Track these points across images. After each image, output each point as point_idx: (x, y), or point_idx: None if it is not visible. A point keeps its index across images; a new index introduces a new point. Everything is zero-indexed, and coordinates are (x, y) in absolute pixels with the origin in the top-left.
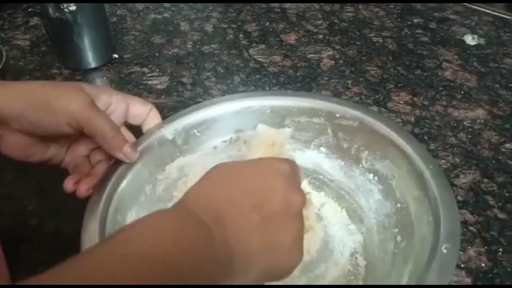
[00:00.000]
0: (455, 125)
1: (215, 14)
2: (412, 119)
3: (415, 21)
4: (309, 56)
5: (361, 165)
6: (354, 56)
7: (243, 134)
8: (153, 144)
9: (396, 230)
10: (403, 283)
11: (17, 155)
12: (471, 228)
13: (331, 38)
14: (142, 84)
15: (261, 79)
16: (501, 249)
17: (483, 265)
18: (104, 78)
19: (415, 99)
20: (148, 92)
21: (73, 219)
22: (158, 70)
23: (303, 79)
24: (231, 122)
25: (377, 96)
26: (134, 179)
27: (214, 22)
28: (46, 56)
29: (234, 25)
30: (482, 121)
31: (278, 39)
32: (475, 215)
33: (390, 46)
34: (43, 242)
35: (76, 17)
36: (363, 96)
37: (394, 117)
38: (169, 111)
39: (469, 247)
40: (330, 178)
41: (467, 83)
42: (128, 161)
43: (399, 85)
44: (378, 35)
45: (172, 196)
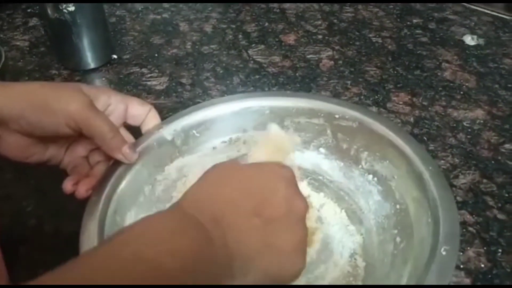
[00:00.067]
0: (455, 125)
1: (214, 14)
2: (412, 119)
3: (414, 21)
4: (308, 56)
5: (360, 166)
6: (354, 56)
7: (242, 135)
8: (152, 144)
9: (396, 231)
10: (402, 284)
11: (16, 155)
12: (470, 228)
13: (330, 39)
14: (141, 84)
15: (260, 80)
16: (500, 250)
17: (482, 265)
18: (103, 78)
19: (414, 99)
20: (147, 92)
21: (72, 219)
22: (157, 71)
23: (303, 80)
24: (230, 122)
25: (376, 97)
26: (133, 179)
27: (213, 22)
28: (45, 57)
29: (233, 26)
30: (482, 121)
31: (277, 39)
32: (474, 215)
33: (390, 47)
34: (42, 243)
35: (75, 17)
36: (362, 97)
37: (393, 117)
38: (168, 112)
39: (469, 248)
40: (330, 179)
41: (467, 84)
42: (127, 162)
43: (398, 85)
44: (378, 36)
45: (172, 196)
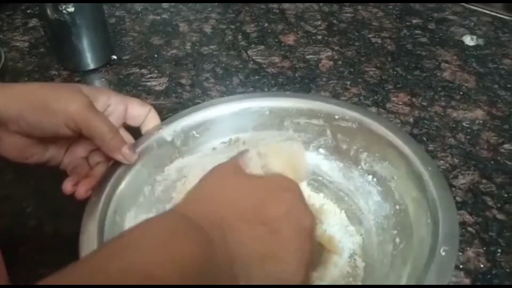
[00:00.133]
0: (454, 125)
1: (214, 15)
2: (411, 120)
3: (414, 21)
4: (308, 57)
5: (360, 166)
6: (353, 57)
7: (242, 135)
8: (152, 145)
9: (395, 232)
10: (402, 284)
11: (15, 156)
12: (469, 229)
13: (330, 39)
14: (141, 85)
15: (260, 80)
16: (499, 250)
17: (481, 266)
18: (103, 79)
19: (414, 99)
20: (147, 93)
21: (72, 220)
22: (157, 71)
23: (302, 80)
24: (230, 123)
25: (376, 97)
26: (133, 180)
27: (213, 23)
28: (45, 58)
29: (233, 26)
30: (481, 121)
31: (277, 40)
32: (473, 216)
33: (389, 47)
34: (42, 243)
35: (74, 18)
36: (362, 97)
37: (393, 118)
38: (168, 113)
39: (468, 248)
40: (329, 179)
41: (466, 84)
42: (127, 162)
43: (398, 85)
44: (377, 36)
45: (171, 197)
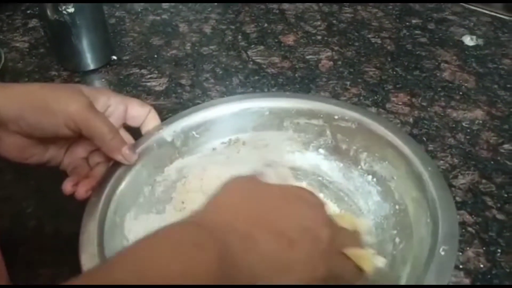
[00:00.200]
0: (454, 126)
1: (213, 15)
2: (411, 120)
3: (413, 22)
4: (307, 57)
5: (360, 166)
6: (353, 57)
7: (242, 136)
8: (152, 145)
9: (395, 232)
10: (401, 284)
11: (15, 157)
12: (469, 229)
13: (329, 39)
14: (141, 85)
15: (260, 81)
16: (499, 250)
17: (481, 266)
18: (103, 80)
19: (413, 100)
20: (146, 94)
21: (72, 220)
22: (156, 72)
23: (302, 80)
24: (230, 123)
25: (375, 97)
26: (132, 180)
27: (212, 23)
28: (45, 58)
29: (232, 27)
30: (481, 121)
31: (276, 40)
32: (473, 216)
33: (389, 47)
34: (42, 244)
35: (74, 19)
36: (361, 97)
37: (392, 118)
38: (168, 113)
39: (468, 248)
40: (329, 179)
41: (466, 84)
42: (127, 163)
43: (397, 86)
44: (377, 36)
45: (171, 197)
